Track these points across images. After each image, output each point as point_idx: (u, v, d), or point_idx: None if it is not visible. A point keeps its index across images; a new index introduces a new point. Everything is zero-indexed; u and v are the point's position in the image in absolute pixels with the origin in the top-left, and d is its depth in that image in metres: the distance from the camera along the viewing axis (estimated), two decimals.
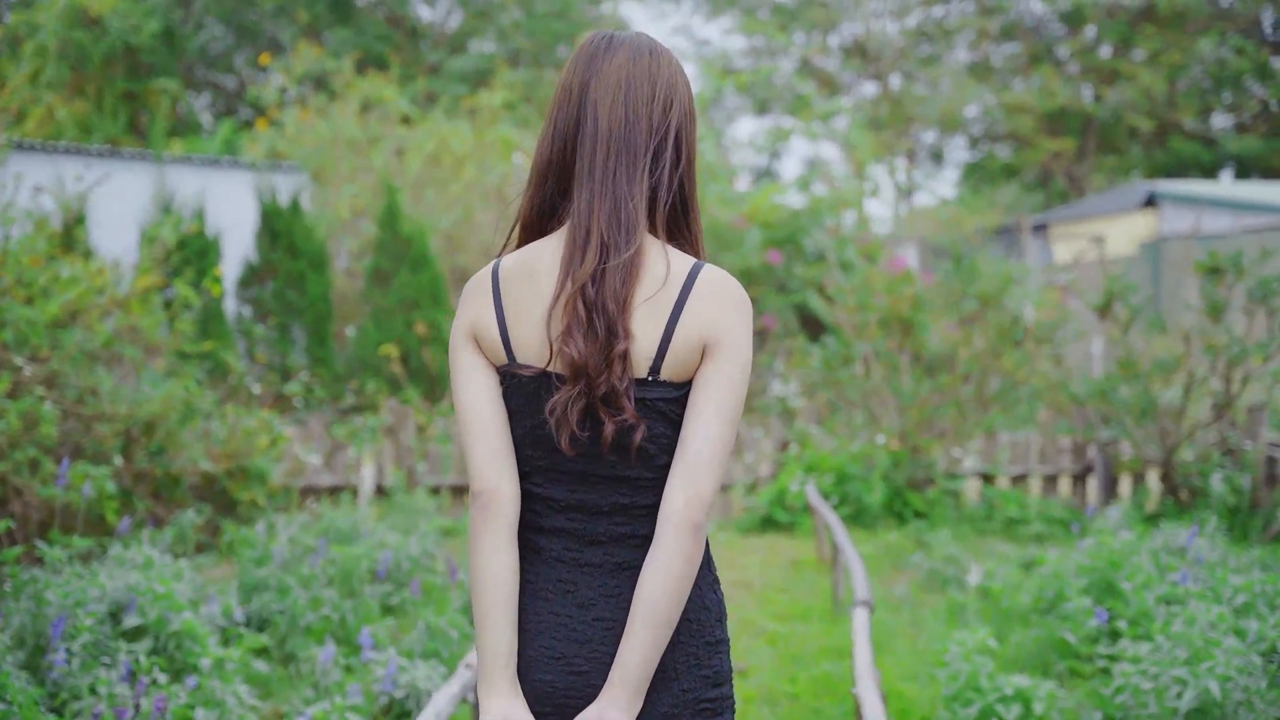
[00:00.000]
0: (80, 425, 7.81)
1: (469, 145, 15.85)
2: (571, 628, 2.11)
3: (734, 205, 17.79)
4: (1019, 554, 8.01)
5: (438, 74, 27.94)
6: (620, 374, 2.03)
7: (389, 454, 9.89)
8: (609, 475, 2.10)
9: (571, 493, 2.12)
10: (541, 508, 2.15)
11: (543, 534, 2.15)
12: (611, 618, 2.09)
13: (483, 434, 2.13)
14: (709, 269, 2.09)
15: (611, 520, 2.12)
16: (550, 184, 2.16)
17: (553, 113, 2.17)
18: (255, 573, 6.10)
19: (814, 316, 16.78)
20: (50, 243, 8.88)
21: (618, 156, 2.10)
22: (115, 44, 23.35)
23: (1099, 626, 5.30)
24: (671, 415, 2.07)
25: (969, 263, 9.68)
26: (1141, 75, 30.25)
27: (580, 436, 2.06)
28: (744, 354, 2.08)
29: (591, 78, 2.14)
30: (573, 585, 2.12)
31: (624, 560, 2.11)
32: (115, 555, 6.11)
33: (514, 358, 2.12)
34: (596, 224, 2.07)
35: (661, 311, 2.05)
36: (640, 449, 2.07)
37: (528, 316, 2.11)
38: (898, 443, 9.63)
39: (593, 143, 2.11)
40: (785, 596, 7.42)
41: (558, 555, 2.14)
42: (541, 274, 2.11)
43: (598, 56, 2.15)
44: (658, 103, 2.14)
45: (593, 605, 2.11)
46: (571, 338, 2.03)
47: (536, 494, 2.15)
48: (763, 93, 30.86)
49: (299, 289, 13.11)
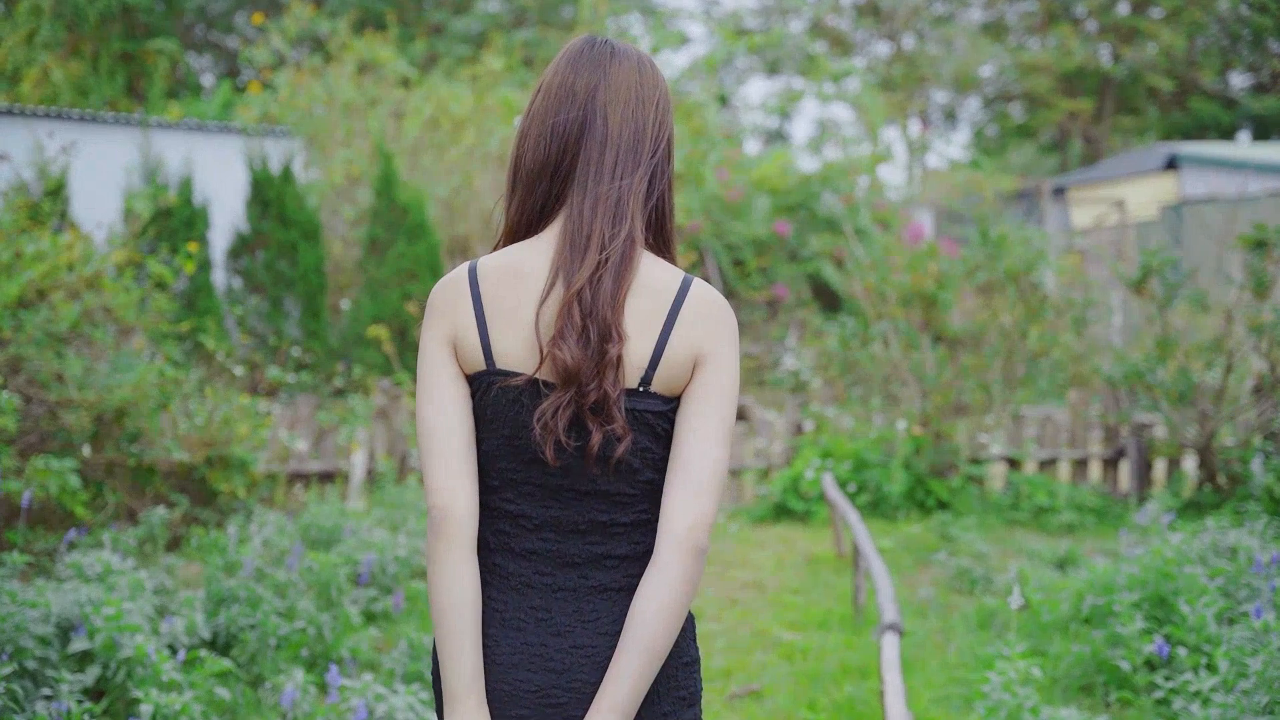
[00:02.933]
0: (46, 413, 7.29)
1: (469, 108, 15.23)
2: (548, 657, 2.04)
3: (742, 170, 17.16)
4: (1050, 548, 7.47)
5: (440, 35, 27.26)
6: (613, 381, 1.98)
7: (380, 439, 9.37)
8: (587, 490, 2.03)
9: (546, 509, 2.05)
10: (512, 527, 2.06)
11: (513, 557, 2.06)
12: (590, 645, 2.03)
13: (445, 448, 2.03)
14: (698, 283, 2.07)
15: (586, 540, 2.05)
16: (543, 186, 2.11)
17: (546, 113, 2.11)
18: (224, 582, 5.57)
19: (827, 285, 16.21)
20: (18, 215, 8.35)
21: (624, 163, 2.08)
22: (112, 3, 22.79)
23: (1155, 651, 4.76)
24: (658, 429, 2.03)
25: (998, 235, 9.06)
26: (1161, 34, 29.49)
27: (567, 446, 1.99)
28: (734, 373, 2.07)
29: (599, 82, 2.11)
30: (546, 612, 2.05)
31: (600, 583, 2.05)
32: (72, 562, 5.60)
33: (494, 364, 2.04)
34: (598, 228, 2.03)
35: (655, 322, 2.02)
36: (625, 462, 2.01)
37: (511, 321, 2.04)
38: (920, 427, 9.06)
39: (600, 147, 2.08)
40: (801, 600, 6.89)
41: (528, 581, 2.06)
42: (528, 277, 2.05)
43: (603, 61, 2.13)
44: (657, 114, 2.14)
45: (569, 632, 2.04)
46: (564, 342, 1.97)
47: (507, 510, 2.06)
48: (774, 53, 30.15)
49: (291, 260, 12.56)
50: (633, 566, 2.05)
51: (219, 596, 5.50)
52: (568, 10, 28.62)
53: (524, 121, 2.15)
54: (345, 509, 7.98)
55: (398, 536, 7.00)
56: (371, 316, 12.38)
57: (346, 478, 9.15)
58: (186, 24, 29.45)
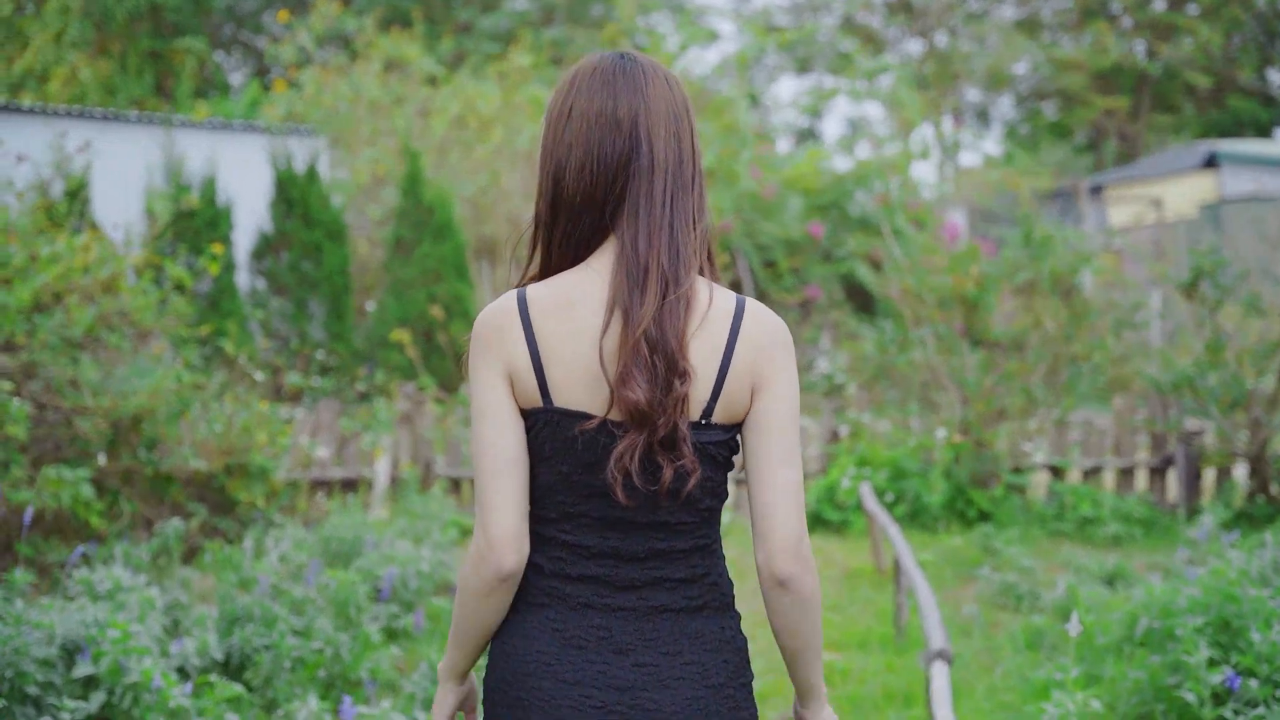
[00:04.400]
0: (61, 420, 7.08)
1: (496, 106, 14.99)
2: (611, 675, 2.02)
3: (774, 169, 16.85)
4: (1098, 562, 7.17)
5: (469, 33, 27.05)
6: (681, 416, 1.96)
7: (404, 445, 9.13)
8: (648, 521, 2.02)
9: (604, 540, 2.03)
10: (569, 555, 2.04)
11: (570, 581, 2.05)
12: (653, 663, 2.03)
13: (507, 484, 2.00)
14: (753, 304, 2.06)
15: (645, 566, 2.04)
16: (590, 217, 2.04)
17: (590, 142, 2.04)
18: (238, 600, 5.34)
19: (860, 286, 15.90)
20: (36, 216, 8.16)
21: (672, 188, 2.04)
22: (140, 2, 22.68)
23: (1224, 683, 4.47)
24: (719, 459, 2.04)
25: (1043, 236, 8.74)
26: (1199, 30, 29.01)
27: (639, 485, 1.98)
28: (796, 391, 2.06)
29: (640, 107, 2.05)
30: (607, 631, 2.04)
31: (661, 603, 2.05)
32: (82, 578, 5.38)
33: (550, 401, 1.99)
34: (656, 260, 1.99)
35: (715, 353, 2.00)
36: (691, 494, 2.01)
37: (566, 356, 1.99)
38: (960, 435, 8.75)
39: (649, 175, 2.03)
40: (840, 617, 6.61)
41: (588, 601, 2.04)
42: (581, 309, 2.00)
43: (639, 83, 2.07)
44: (691, 132, 2.10)
45: (631, 650, 2.03)
46: (634, 381, 1.94)
47: (564, 540, 2.04)
48: (804, 50, 29.82)
49: (315, 260, 12.35)
50: (691, 589, 2.06)
51: (233, 615, 5.27)
52: (597, 8, 28.37)
53: (558, 148, 2.06)
54: (367, 519, 7.76)
55: (421, 549, 6.77)
56: (397, 318, 12.16)
57: (369, 485, 8.93)
58: (215, 23, 29.35)
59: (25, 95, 20.73)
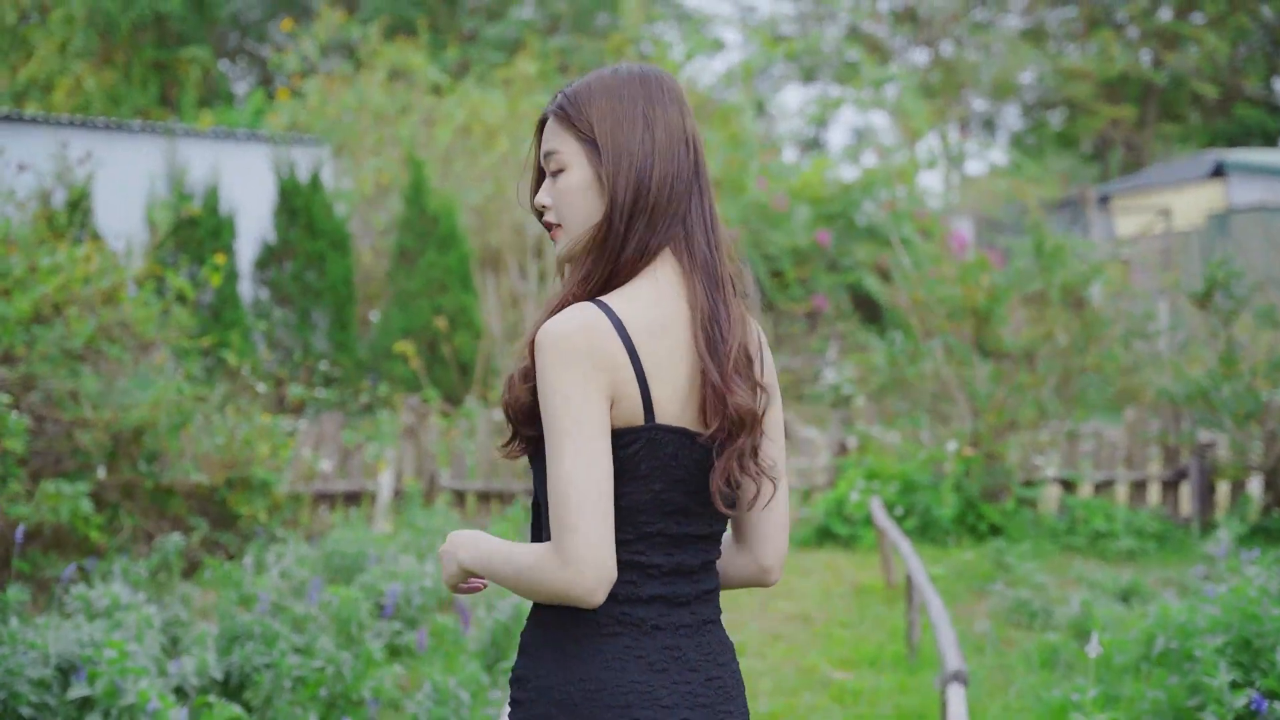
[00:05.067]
0: (61, 433, 6.99)
1: (502, 115, 14.91)
2: (694, 693, 2.05)
3: (780, 179, 16.75)
4: (1112, 578, 7.05)
5: (474, 42, 26.99)
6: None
7: (409, 458, 9.03)
8: (703, 533, 2.07)
9: (670, 557, 2.05)
10: (639, 577, 2.04)
11: (640, 604, 2.04)
12: (717, 676, 2.07)
13: (605, 510, 1.94)
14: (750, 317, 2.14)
15: (695, 579, 2.08)
16: (663, 228, 2.06)
17: (670, 154, 2.07)
18: (238, 618, 5.24)
19: (867, 296, 15.79)
20: (38, 227, 8.08)
21: (713, 201, 2.12)
22: (144, 11, 22.63)
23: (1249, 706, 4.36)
24: None
25: (1054, 246, 8.63)
26: (1205, 39, 28.90)
27: (729, 498, 2.05)
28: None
29: (692, 121, 2.12)
30: (678, 650, 2.05)
31: (706, 616, 2.09)
32: (79, 594, 5.29)
33: (653, 418, 2.00)
34: (724, 271, 2.07)
35: (758, 359, 2.09)
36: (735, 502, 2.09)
37: (667, 372, 2.01)
38: (971, 447, 8.64)
39: (707, 188, 2.10)
40: (851, 634, 6.50)
41: (656, 623, 2.04)
42: (673, 324, 2.02)
43: (683, 97, 2.13)
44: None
45: (701, 666, 2.06)
46: (738, 388, 2.01)
47: (637, 562, 2.03)
48: (810, 60, 29.73)
49: (319, 270, 12.26)
50: (717, 599, 2.13)
51: (232, 633, 5.17)
52: (602, 18, 28.30)
53: (637, 157, 2.06)
54: (371, 533, 7.66)
55: (425, 564, 6.67)
56: (401, 329, 12.07)
57: (373, 498, 8.83)
58: (220, 33, 29.30)
59: (29, 104, 20.68)
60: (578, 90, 2.10)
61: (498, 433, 9.42)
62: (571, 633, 2.02)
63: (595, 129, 2.07)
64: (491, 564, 2.04)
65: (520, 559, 1.99)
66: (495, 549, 2.05)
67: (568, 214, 2.09)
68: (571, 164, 2.08)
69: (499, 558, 2.03)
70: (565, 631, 2.03)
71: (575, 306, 2.00)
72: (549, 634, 2.06)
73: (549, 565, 1.93)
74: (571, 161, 2.08)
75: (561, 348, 1.96)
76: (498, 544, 2.06)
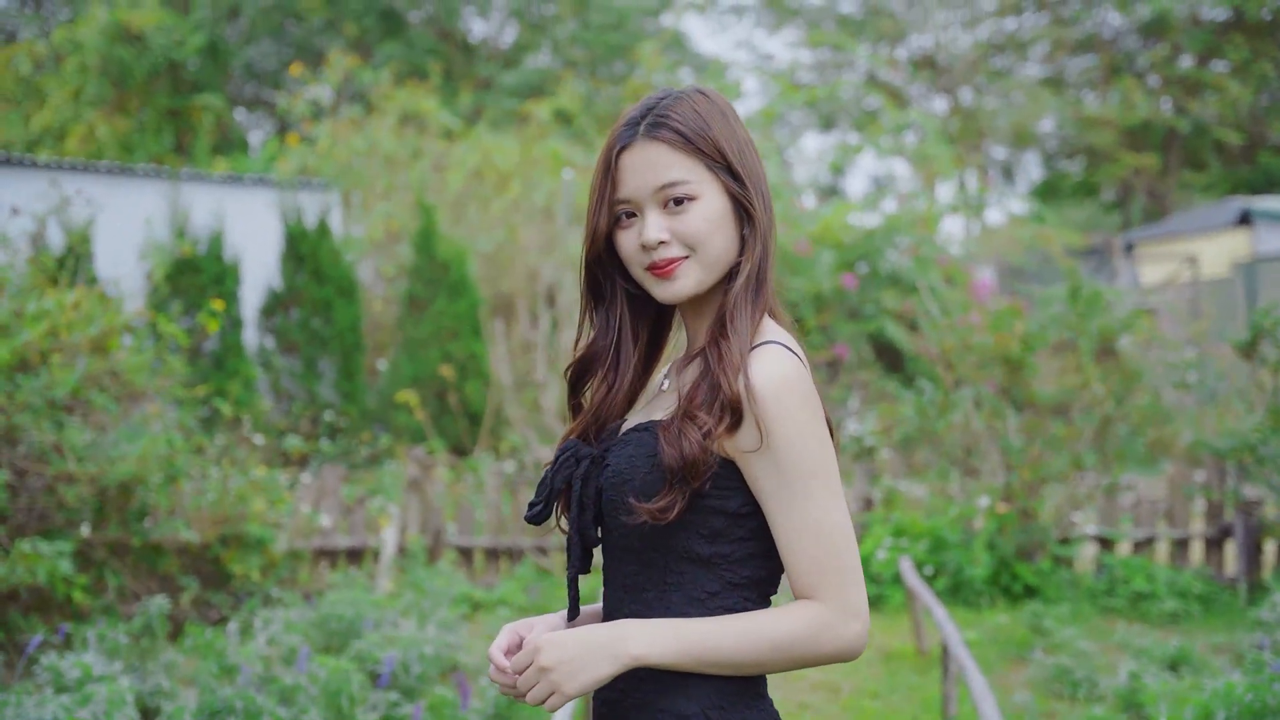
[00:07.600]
0: (44, 488, 6.61)
1: (515, 160, 14.59)
2: None
3: (800, 226, 16.39)
4: (1158, 644, 6.59)
5: (489, 89, 26.82)
6: None
7: (413, 513, 8.64)
8: None
9: None
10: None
11: None
12: None
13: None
14: None
15: None
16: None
17: (765, 176, 2.02)
18: (219, 691, 4.84)
19: (889, 345, 15.37)
20: (32, 272, 7.76)
21: None
22: (158, 60, 22.51)
23: None
24: None
25: (1090, 294, 8.23)
26: (1228, 87, 28.59)
27: None
28: None
29: None
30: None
31: None
32: (49, 664, 4.90)
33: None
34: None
35: None
36: None
37: None
38: (1004, 503, 8.20)
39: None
40: (882, 706, 6.06)
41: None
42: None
43: None
44: None
45: None
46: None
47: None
48: (828, 107, 29.50)
49: (326, 318, 11.92)
50: None
51: (212, 708, 4.76)
52: (619, 66, 28.12)
53: (761, 181, 1.99)
54: (372, 593, 7.26)
55: (426, 628, 6.25)
56: (410, 378, 11.71)
57: (376, 554, 8.43)
58: (235, 81, 29.22)
59: (41, 151, 20.52)
60: (683, 114, 1.93)
61: (507, 486, 9.03)
62: (759, 688, 1.92)
63: (726, 153, 1.94)
64: (719, 648, 1.81)
65: (779, 629, 1.80)
66: (718, 630, 1.82)
67: (707, 244, 1.93)
68: (704, 192, 1.93)
69: (731, 638, 1.81)
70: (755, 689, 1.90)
71: (774, 350, 1.89)
72: (723, 693, 1.88)
73: (831, 623, 1.79)
74: (704, 190, 1.93)
75: (799, 391, 1.88)
76: (720, 623, 1.82)
